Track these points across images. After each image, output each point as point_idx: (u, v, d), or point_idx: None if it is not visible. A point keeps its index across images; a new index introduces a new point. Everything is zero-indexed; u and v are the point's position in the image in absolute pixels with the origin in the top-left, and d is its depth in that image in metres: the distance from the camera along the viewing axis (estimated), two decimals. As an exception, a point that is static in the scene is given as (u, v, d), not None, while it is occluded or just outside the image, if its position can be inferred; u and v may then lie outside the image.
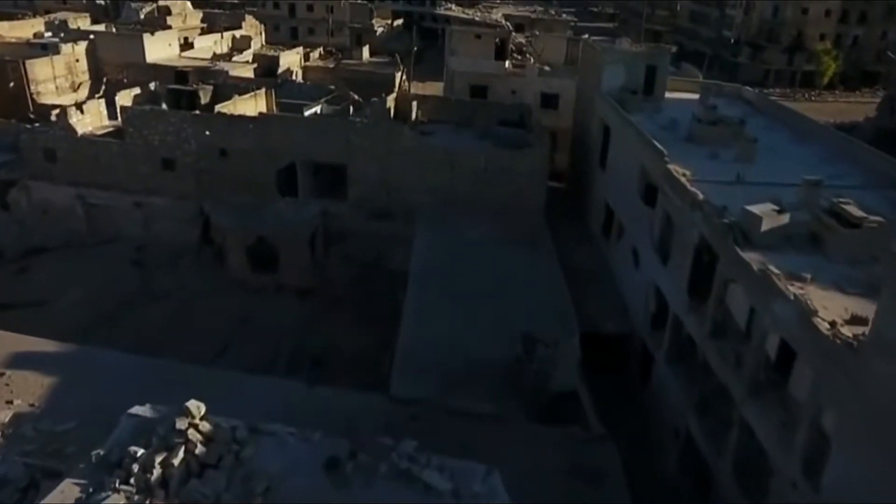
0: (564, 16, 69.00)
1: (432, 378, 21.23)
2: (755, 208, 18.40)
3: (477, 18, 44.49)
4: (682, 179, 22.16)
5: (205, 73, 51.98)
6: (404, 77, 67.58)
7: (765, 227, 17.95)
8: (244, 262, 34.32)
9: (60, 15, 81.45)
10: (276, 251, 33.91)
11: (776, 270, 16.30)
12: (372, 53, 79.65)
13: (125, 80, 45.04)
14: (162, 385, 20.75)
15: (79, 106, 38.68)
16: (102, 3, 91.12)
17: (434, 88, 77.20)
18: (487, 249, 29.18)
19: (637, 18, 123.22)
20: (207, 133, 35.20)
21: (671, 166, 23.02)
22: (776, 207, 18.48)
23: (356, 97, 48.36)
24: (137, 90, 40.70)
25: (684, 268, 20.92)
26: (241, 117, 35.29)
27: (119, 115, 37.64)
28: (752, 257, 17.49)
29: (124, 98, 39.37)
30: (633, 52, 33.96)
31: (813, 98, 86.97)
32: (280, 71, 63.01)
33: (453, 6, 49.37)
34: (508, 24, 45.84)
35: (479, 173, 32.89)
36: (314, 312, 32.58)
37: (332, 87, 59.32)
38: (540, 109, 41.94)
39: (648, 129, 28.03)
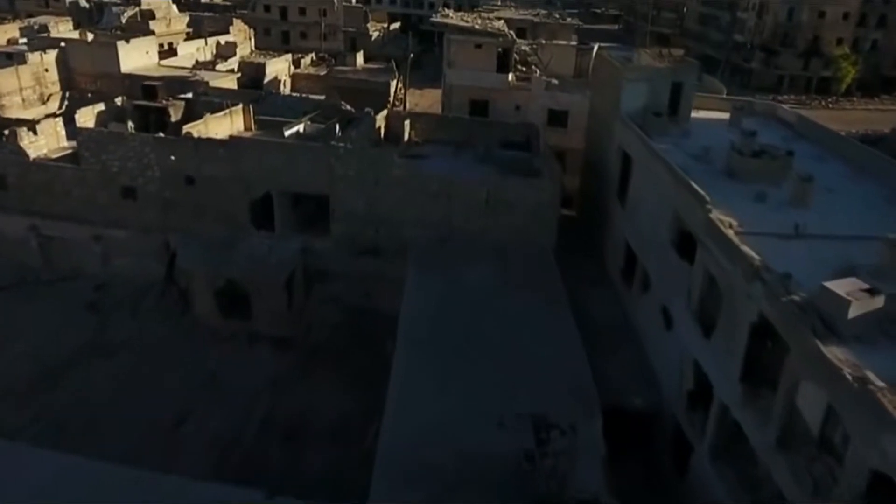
0: (569, 19, 64.65)
1: (422, 485, 17.07)
2: (838, 287, 14.24)
3: (477, 26, 40.27)
4: (730, 233, 17.97)
5: (184, 84, 47.94)
6: (400, 86, 63.53)
7: (853, 313, 13.82)
8: (212, 307, 30.16)
9: (41, 19, 77.44)
10: (249, 295, 29.74)
11: (880, 382, 12.16)
12: (367, 59, 75.53)
13: (90, 95, 40.99)
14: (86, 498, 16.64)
15: (31, 126, 34.54)
16: (87, 5, 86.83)
17: (432, 96, 73.15)
18: (489, 299, 25.00)
19: (642, 21, 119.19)
20: (172, 158, 31.09)
21: (715, 215, 18.82)
22: (865, 286, 14.32)
23: (349, 107, 44.29)
24: (101, 106, 36.55)
25: (736, 350, 16.75)
26: (210, 141, 31.15)
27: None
28: (837, 354, 13.33)
29: (85, 116, 35.19)
30: (657, 68, 29.76)
31: (830, 105, 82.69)
32: (267, 80, 58.94)
33: (451, 13, 45.28)
34: (511, 32, 41.57)
35: (480, 206, 28.75)
36: (291, 368, 28.40)
37: (323, 96, 55.48)
38: (547, 127, 37.84)
39: (678, 160, 23.86)
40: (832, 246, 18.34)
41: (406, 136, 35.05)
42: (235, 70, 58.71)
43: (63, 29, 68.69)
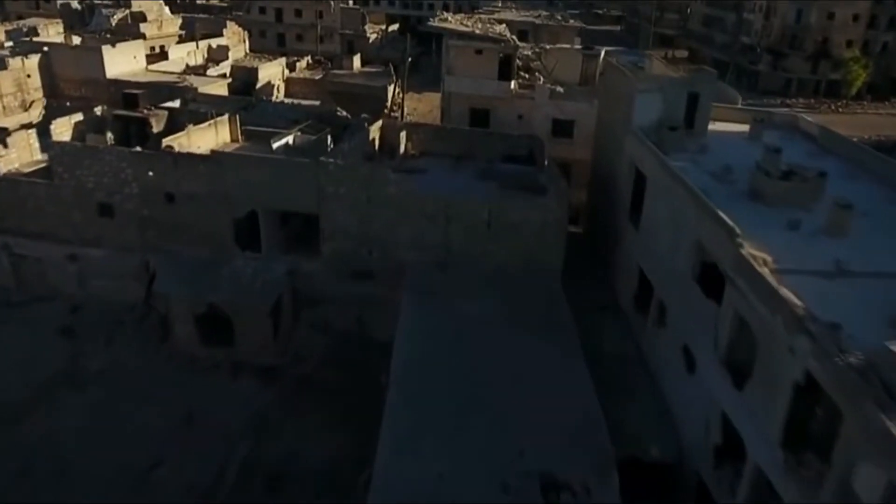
0: (572, 21, 62.46)
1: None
2: (905, 349, 12.14)
3: (477, 31, 38.13)
4: (766, 272, 15.82)
5: (172, 90, 45.87)
6: (398, 90, 61.39)
7: (924, 382, 11.74)
8: (193, 334, 28.04)
9: (31, 21, 75.54)
10: (232, 322, 27.61)
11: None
12: (364, 62, 73.61)
13: (68, 104, 38.89)
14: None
15: (3, 138, 32.46)
16: (78, 7, 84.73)
17: (431, 101, 70.94)
18: (490, 333, 22.87)
19: (645, 22, 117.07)
20: (150, 174, 28.99)
21: (747, 250, 16.68)
22: (936, 348, 12.22)
23: (345, 113, 42.18)
24: (79, 116, 34.45)
25: (775, 409, 14.62)
26: (190, 156, 29.03)
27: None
28: (907, 432, 11.22)
29: (61, 127, 33.12)
30: (672, 77, 27.60)
31: (840, 110, 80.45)
32: (259, 85, 56.93)
33: (450, 16, 43.16)
34: (514, 37, 39.40)
35: (482, 228, 26.62)
36: (276, 403, 26.27)
37: (318, 102, 53.38)
38: (551, 138, 35.72)
39: (697, 180, 21.74)
40: (879, 286, 16.24)
41: (402, 149, 32.94)
42: (227, 75, 56.66)
43: (53, 32, 66.83)
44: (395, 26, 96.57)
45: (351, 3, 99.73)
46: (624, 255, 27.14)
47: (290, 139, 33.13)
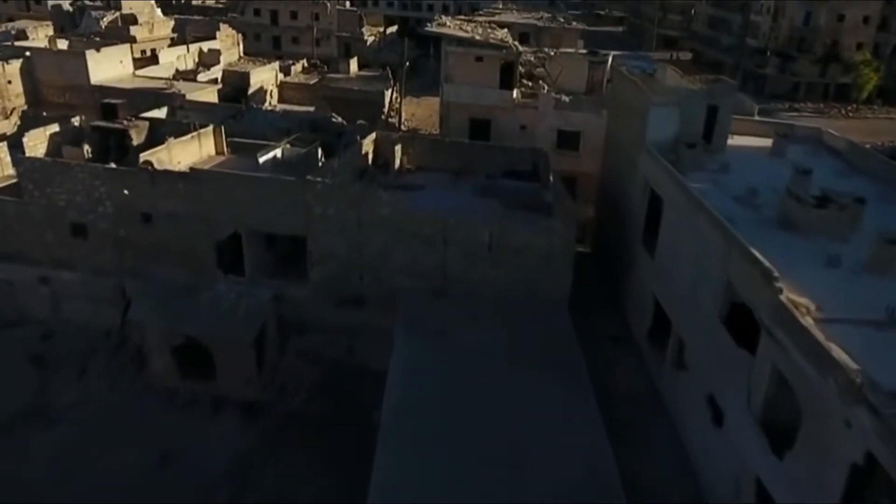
0: (575, 23, 60.35)
1: None
2: None
3: (477, 37, 36.02)
4: (811, 324, 13.72)
5: (159, 97, 43.85)
6: (395, 95, 59.37)
7: None
8: (170, 366, 25.99)
9: (20, 24, 73.58)
10: (212, 353, 25.57)
11: None
12: (361, 65, 71.64)
13: (44, 114, 36.82)
14: None
15: (-30, 152, 30.47)
16: (69, 9, 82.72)
17: (430, 105, 68.98)
18: (490, 368, 20.82)
19: (648, 23, 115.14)
20: (126, 192, 26.94)
21: (786, 297, 14.57)
22: None
23: (340, 119, 40.12)
24: (55, 127, 32.36)
25: (827, 489, 12.54)
26: (168, 173, 26.96)
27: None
28: None
29: (35, 139, 31.01)
30: (690, 89, 25.49)
31: (850, 114, 78.37)
32: (251, 91, 54.86)
33: (448, 21, 41.09)
34: (516, 43, 37.33)
35: (482, 252, 24.54)
36: (260, 442, 24.23)
37: (312, 108, 51.36)
38: (556, 150, 33.65)
39: (720, 205, 19.69)
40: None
41: (397, 163, 30.86)
42: (218, 80, 54.60)
43: (42, 34, 64.93)
44: (393, 28, 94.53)
45: (348, 4, 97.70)
46: (637, 282, 25.05)
47: (278, 152, 31.02)
